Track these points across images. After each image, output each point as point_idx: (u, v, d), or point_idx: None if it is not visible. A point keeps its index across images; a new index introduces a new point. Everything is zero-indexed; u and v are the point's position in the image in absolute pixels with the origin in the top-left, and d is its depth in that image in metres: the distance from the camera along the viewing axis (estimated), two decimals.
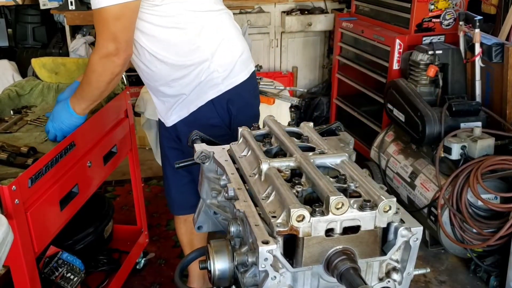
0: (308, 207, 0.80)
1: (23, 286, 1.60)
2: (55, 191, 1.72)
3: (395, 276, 0.87)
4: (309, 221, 0.78)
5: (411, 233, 0.83)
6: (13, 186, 1.47)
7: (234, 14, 4.76)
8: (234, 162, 1.06)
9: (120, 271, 2.35)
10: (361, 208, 0.80)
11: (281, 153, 1.05)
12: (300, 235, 0.79)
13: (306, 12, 4.45)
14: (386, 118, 3.17)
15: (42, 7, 4.07)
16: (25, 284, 1.59)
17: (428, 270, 0.95)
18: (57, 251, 2.01)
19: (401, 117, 2.86)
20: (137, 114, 2.77)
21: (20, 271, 1.57)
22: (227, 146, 1.12)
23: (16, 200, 1.49)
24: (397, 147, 2.99)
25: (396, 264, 0.88)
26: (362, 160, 3.31)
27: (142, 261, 2.67)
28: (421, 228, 0.84)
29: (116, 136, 2.22)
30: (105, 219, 2.39)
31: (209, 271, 0.88)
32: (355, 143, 1.21)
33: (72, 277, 2.00)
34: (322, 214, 0.79)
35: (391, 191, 2.94)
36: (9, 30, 4.55)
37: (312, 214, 0.79)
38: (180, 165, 1.17)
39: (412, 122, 2.74)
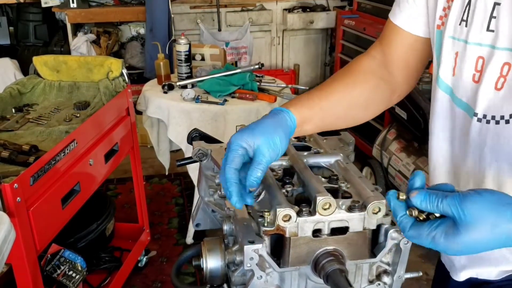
0: (296, 207, 0.79)
1: (25, 284, 1.60)
2: (57, 189, 1.72)
3: (386, 279, 0.86)
4: (295, 221, 0.78)
5: (402, 236, 0.81)
6: (15, 184, 1.47)
7: (235, 11, 4.74)
8: None
9: (122, 269, 2.36)
10: (350, 209, 0.79)
11: None
12: (287, 235, 0.79)
13: (307, 9, 4.45)
14: (388, 116, 3.16)
15: (43, 5, 4.08)
16: (27, 281, 1.59)
17: (420, 273, 0.91)
18: (59, 249, 2.01)
19: (403, 115, 2.86)
20: (139, 112, 2.77)
21: (22, 269, 1.58)
22: (225, 144, 1.11)
23: (18, 198, 1.49)
24: (399, 145, 2.98)
25: (387, 267, 0.86)
26: (364, 158, 3.30)
27: (144, 259, 2.67)
28: None
29: (118, 134, 2.22)
30: (107, 217, 2.39)
31: (202, 269, 0.87)
32: (357, 141, 1.20)
33: (74, 275, 2.00)
34: (309, 214, 0.78)
35: (393, 189, 2.93)
36: (11, 28, 4.55)
37: (299, 214, 0.78)
38: (181, 162, 1.17)
39: (414, 119, 2.73)
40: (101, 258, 2.38)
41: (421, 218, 0.70)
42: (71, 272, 2.00)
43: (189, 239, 2.87)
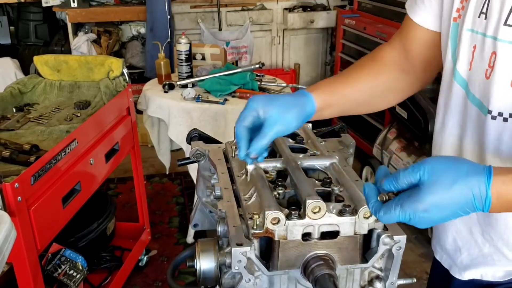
0: (286, 210, 0.78)
1: (26, 283, 1.60)
2: (58, 188, 1.72)
3: (378, 285, 0.84)
4: (284, 224, 0.77)
5: (394, 241, 0.80)
6: (16, 184, 1.47)
7: (236, 11, 4.73)
8: (228, 161, 1.05)
9: (123, 268, 2.36)
10: (340, 213, 0.78)
11: (274, 154, 1.04)
12: (276, 238, 0.78)
13: (308, 9, 4.44)
14: (389, 115, 3.16)
15: (44, 5, 4.07)
16: (28, 281, 1.59)
17: (414, 280, 0.89)
18: (60, 248, 2.01)
19: (404, 114, 2.86)
20: (139, 112, 2.77)
21: (23, 268, 1.58)
22: (223, 145, 1.11)
23: (19, 197, 1.49)
24: (399, 144, 2.98)
25: (379, 272, 0.85)
26: (365, 158, 3.30)
27: (145, 258, 2.67)
28: (405, 236, 0.81)
29: (118, 134, 2.22)
30: (108, 216, 2.39)
31: (195, 270, 0.87)
32: (357, 140, 1.19)
33: (74, 274, 2.00)
34: (299, 217, 0.77)
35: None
36: (11, 27, 4.55)
37: (288, 217, 0.77)
38: (182, 162, 1.17)
39: (414, 119, 2.73)
40: (101, 257, 2.38)
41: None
42: (72, 272, 2.00)
43: (190, 239, 2.87)
